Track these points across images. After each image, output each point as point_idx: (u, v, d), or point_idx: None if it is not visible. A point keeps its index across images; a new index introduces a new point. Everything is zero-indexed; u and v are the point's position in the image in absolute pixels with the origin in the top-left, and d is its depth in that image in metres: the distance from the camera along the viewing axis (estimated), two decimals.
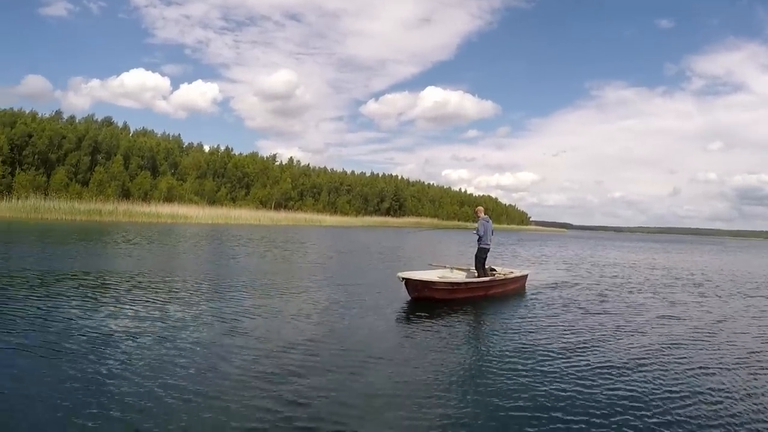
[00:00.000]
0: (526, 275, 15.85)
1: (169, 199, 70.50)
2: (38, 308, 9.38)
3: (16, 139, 68.68)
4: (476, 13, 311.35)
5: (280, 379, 6.19)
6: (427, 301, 11.81)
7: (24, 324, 8.18)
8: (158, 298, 11.00)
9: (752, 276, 24.84)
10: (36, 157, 70.04)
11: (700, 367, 7.65)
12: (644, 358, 7.96)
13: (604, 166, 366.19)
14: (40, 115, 79.15)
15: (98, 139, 77.05)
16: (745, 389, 6.72)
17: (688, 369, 7.51)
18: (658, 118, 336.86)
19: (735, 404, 6.11)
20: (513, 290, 14.50)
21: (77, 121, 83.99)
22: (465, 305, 11.91)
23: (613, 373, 7.08)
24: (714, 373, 7.37)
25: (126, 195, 69.38)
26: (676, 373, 7.26)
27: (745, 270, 28.89)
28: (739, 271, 27.54)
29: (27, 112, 77.70)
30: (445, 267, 15.24)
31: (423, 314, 10.61)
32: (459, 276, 14.29)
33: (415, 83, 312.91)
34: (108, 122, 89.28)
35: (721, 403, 6.13)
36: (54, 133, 72.88)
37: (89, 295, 11.11)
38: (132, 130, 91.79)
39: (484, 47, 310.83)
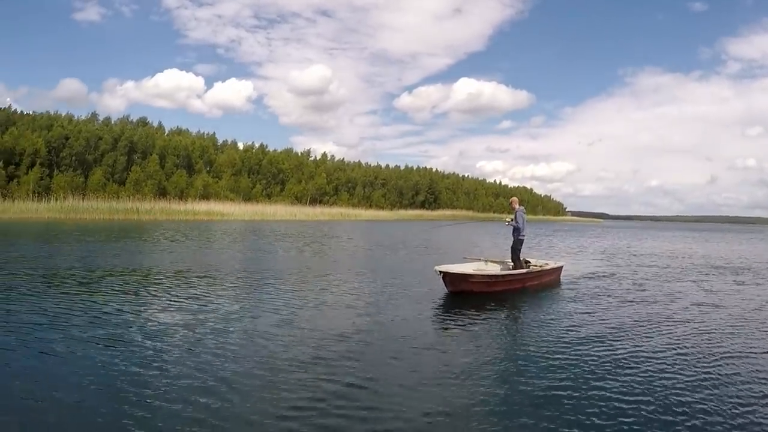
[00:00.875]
0: (561, 266, 15.84)
1: (205, 196, 71.87)
2: (91, 303, 9.83)
3: (54, 141, 70.76)
4: (507, 1, 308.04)
5: (334, 365, 6.44)
6: (465, 294, 11.95)
7: (79, 318, 8.58)
8: (206, 292, 11.41)
9: None
10: (73, 158, 71.98)
11: (739, 354, 7.67)
12: (684, 347, 8.00)
13: (639, 155, 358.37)
14: (76, 117, 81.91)
15: (134, 139, 78.77)
16: None
17: (726, 356, 7.53)
18: (694, 103, 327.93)
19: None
20: (549, 282, 14.53)
21: (113, 122, 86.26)
22: (502, 298, 12.03)
23: (653, 360, 7.16)
24: (754, 360, 7.40)
25: (162, 193, 71.05)
26: (715, 361, 7.28)
27: None
28: None
29: (63, 115, 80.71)
30: (479, 260, 15.27)
31: (462, 307, 10.80)
32: (495, 269, 14.39)
33: (448, 75, 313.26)
34: (143, 122, 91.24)
35: (757, 388, 6.19)
36: (90, 135, 74.86)
37: (139, 289, 11.59)
38: (167, 129, 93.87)
39: (516, 36, 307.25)
